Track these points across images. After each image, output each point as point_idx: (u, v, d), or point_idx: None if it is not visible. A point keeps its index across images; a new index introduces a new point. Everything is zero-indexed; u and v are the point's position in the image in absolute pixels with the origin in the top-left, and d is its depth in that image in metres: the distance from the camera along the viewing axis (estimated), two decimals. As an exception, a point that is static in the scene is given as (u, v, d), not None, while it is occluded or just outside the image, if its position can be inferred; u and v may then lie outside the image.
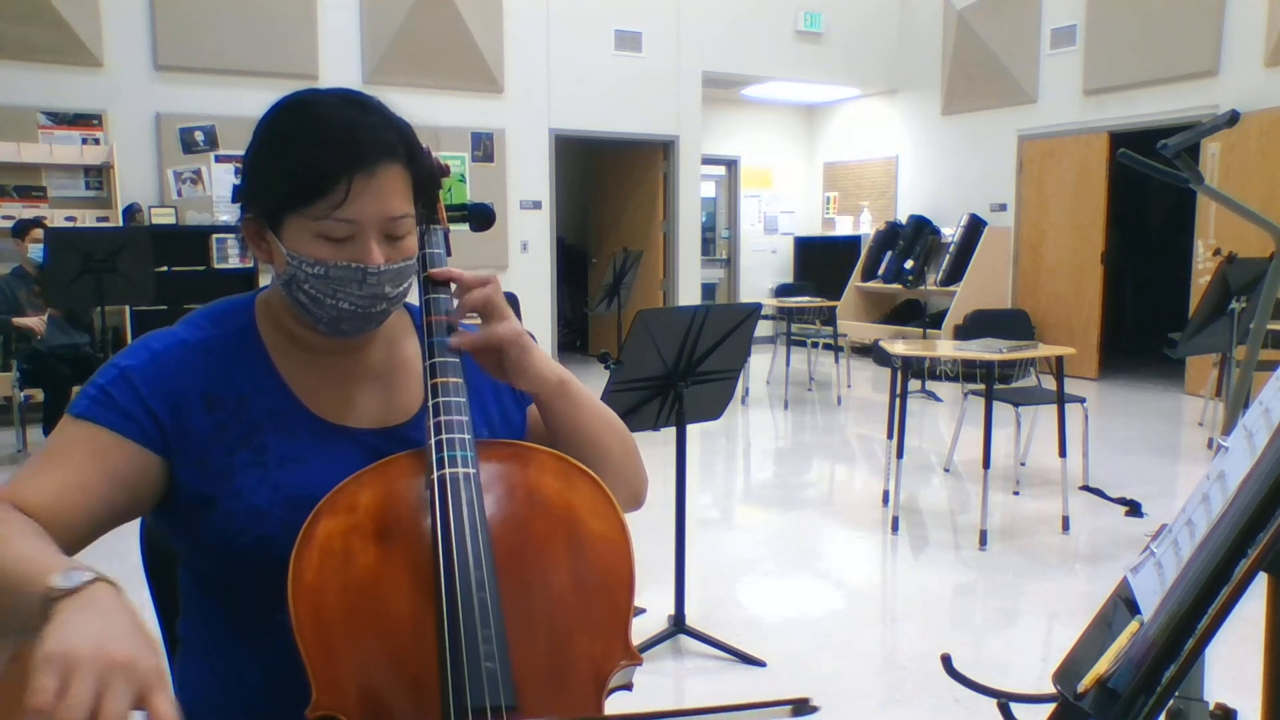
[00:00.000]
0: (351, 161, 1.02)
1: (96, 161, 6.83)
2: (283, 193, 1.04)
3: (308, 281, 1.05)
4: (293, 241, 1.05)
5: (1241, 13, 7.31)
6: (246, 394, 1.10)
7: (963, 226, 9.43)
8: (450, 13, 7.88)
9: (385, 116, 1.08)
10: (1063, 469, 4.36)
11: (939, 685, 2.78)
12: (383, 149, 1.04)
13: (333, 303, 1.06)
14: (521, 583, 0.99)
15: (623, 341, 2.89)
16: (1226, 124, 1.85)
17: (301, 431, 1.11)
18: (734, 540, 4.32)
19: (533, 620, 0.97)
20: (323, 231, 1.04)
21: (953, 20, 9.50)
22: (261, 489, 1.06)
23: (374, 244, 1.05)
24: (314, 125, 1.04)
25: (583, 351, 10.61)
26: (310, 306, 1.08)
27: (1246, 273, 4.58)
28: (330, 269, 1.04)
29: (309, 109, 1.06)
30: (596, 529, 1.04)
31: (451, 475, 1.00)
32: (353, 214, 1.03)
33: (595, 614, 1.00)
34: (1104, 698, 0.78)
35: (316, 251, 1.04)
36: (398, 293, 1.10)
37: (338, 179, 1.01)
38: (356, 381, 1.17)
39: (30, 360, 5.46)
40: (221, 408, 1.08)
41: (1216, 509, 0.82)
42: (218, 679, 1.11)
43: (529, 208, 8.53)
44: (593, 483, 1.07)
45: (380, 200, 1.04)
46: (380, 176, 1.03)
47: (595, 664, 0.99)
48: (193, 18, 7.06)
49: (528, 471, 1.07)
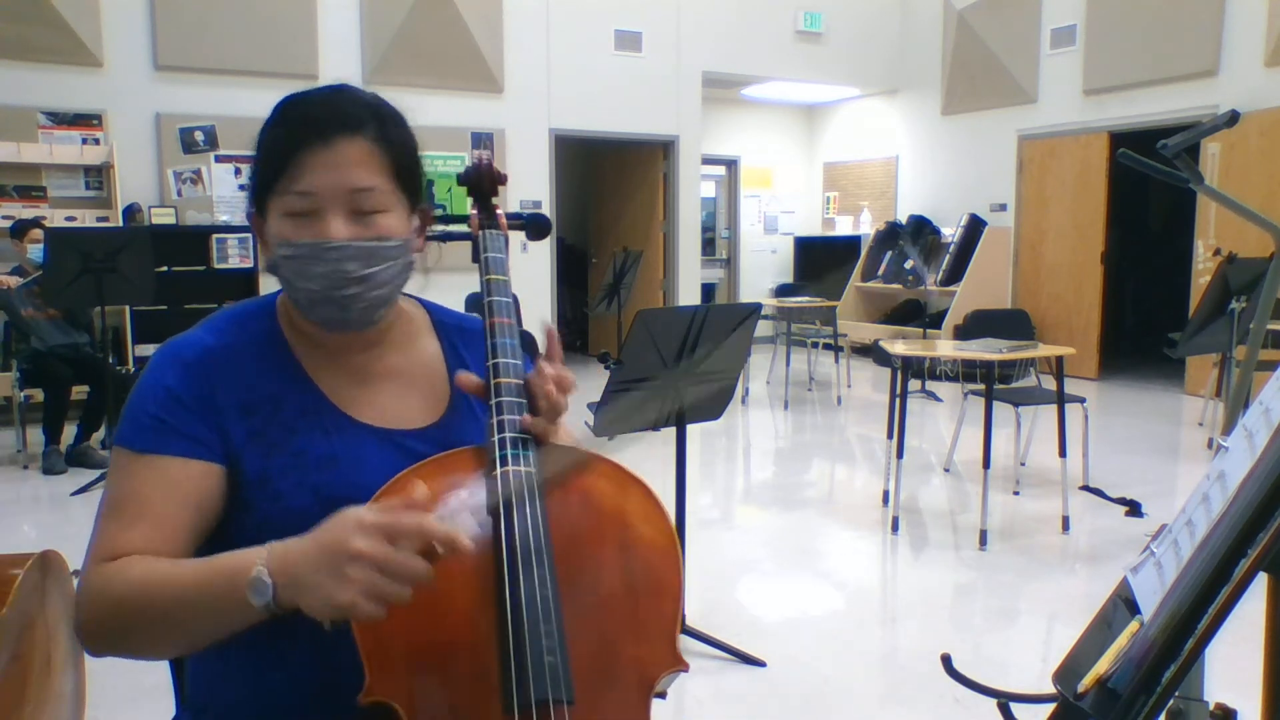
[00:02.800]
0: (303, 136, 1.03)
1: (96, 161, 6.83)
2: (257, 178, 1.07)
3: (282, 265, 1.06)
4: (273, 226, 1.07)
5: (1241, 13, 7.31)
6: (280, 396, 1.10)
7: (963, 226, 9.43)
8: (450, 13, 7.88)
9: (358, 97, 1.09)
10: (1063, 469, 4.36)
11: (939, 685, 2.77)
12: (341, 122, 1.04)
13: (304, 285, 1.06)
14: (575, 582, 1.00)
15: (623, 341, 2.89)
16: (1226, 124, 1.85)
17: (335, 432, 1.11)
18: (734, 540, 4.31)
19: (586, 620, 0.98)
20: (288, 209, 1.05)
21: (953, 20, 9.50)
22: (301, 491, 1.07)
23: (334, 217, 1.04)
24: (285, 111, 1.07)
25: (583, 351, 10.61)
26: (291, 293, 1.09)
27: (1246, 273, 4.58)
28: (296, 247, 1.04)
29: (287, 104, 1.09)
30: (647, 535, 1.05)
31: (514, 473, 1.01)
32: (308, 185, 1.03)
33: (644, 617, 1.02)
34: (1104, 698, 0.78)
35: (285, 230, 1.05)
36: (369, 274, 1.06)
37: (292, 152, 1.03)
38: (380, 381, 1.17)
39: (30, 360, 5.46)
40: (257, 413, 1.08)
41: (1216, 509, 0.82)
42: (235, 678, 1.10)
43: (529, 208, 8.53)
44: (644, 490, 1.09)
45: (337, 171, 1.03)
46: (336, 148, 1.04)
47: (643, 667, 1.00)
48: (193, 18, 7.06)
49: (584, 474, 1.08)
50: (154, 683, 2.65)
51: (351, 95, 1.09)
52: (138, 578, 0.97)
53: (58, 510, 4.69)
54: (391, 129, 1.09)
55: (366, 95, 1.10)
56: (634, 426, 3.00)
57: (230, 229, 7.15)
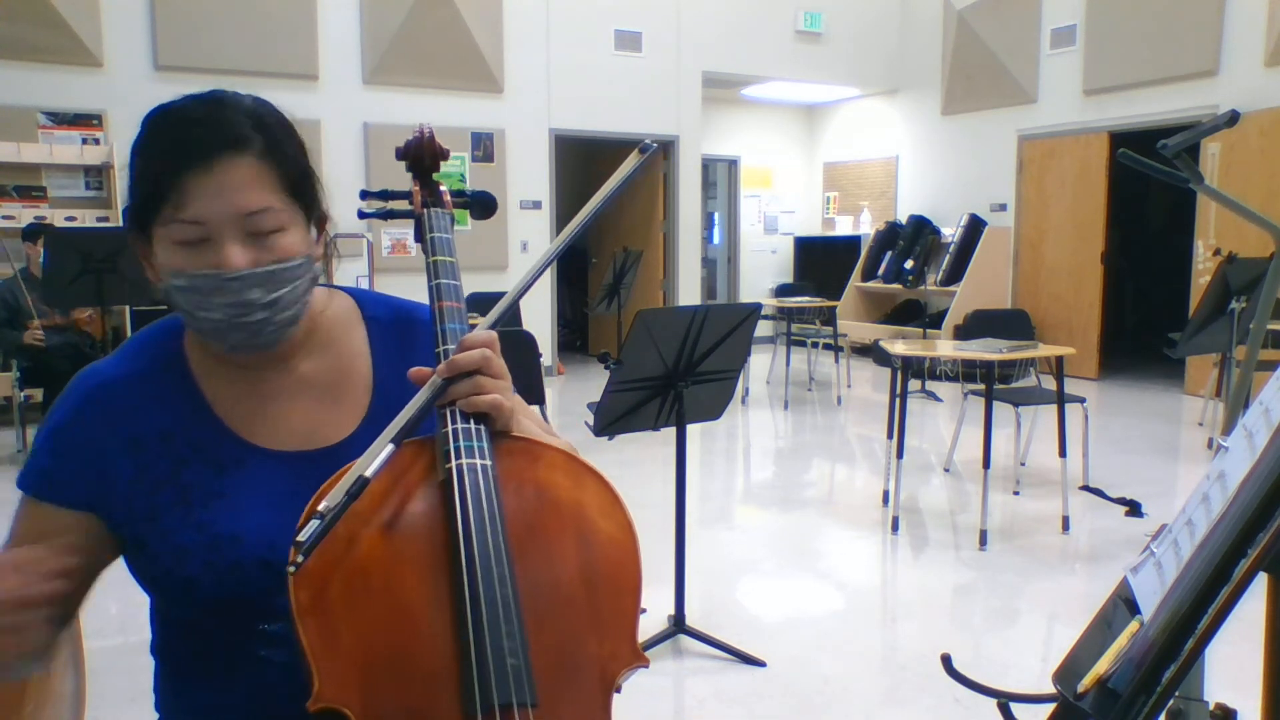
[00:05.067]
0: (182, 159, 0.96)
1: (96, 161, 6.83)
2: (137, 206, 1.00)
3: (177, 294, 1.00)
4: (160, 254, 1.00)
5: (1241, 13, 7.31)
6: (171, 430, 1.06)
7: (963, 226, 9.43)
8: (450, 13, 7.88)
9: (236, 108, 1.01)
10: (1063, 469, 4.36)
11: (939, 685, 2.77)
12: (221, 142, 0.97)
13: (205, 314, 0.99)
14: (533, 580, 0.96)
15: (623, 341, 2.89)
16: (1226, 124, 1.85)
17: (230, 464, 1.06)
18: (734, 540, 4.31)
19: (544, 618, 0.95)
20: (175, 238, 0.98)
21: (953, 20, 9.50)
22: (184, 528, 1.03)
23: (230, 245, 0.97)
24: (160, 129, 1.00)
25: (583, 351, 10.61)
26: (191, 323, 1.03)
27: (1246, 273, 4.58)
28: (191, 278, 0.98)
29: (158, 116, 1.01)
30: (606, 529, 1.01)
31: (469, 466, 0.96)
32: (195, 214, 0.96)
33: (604, 614, 0.99)
34: (1104, 698, 0.78)
35: (176, 260, 0.98)
36: (274, 298, 1.01)
37: (171, 180, 0.96)
38: (290, 398, 1.11)
39: (31, 359, 5.46)
40: (145, 449, 1.05)
41: (1216, 509, 0.82)
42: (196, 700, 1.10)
43: (529, 208, 8.53)
44: (601, 482, 1.04)
45: (224, 196, 0.96)
46: (220, 171, 0.97)
47: (604, 664, 0.97)
48: (193, 18, 7.06)
49: (538, 467, 1.03)
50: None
51: (231, 105, 1.01)
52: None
53: (58, 510, 4.69)
54: (278, 139, 1.01)
55: (246, 102, 1.03)
56: (634, 426, 3.00)
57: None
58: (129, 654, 2.91)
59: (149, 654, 1.18)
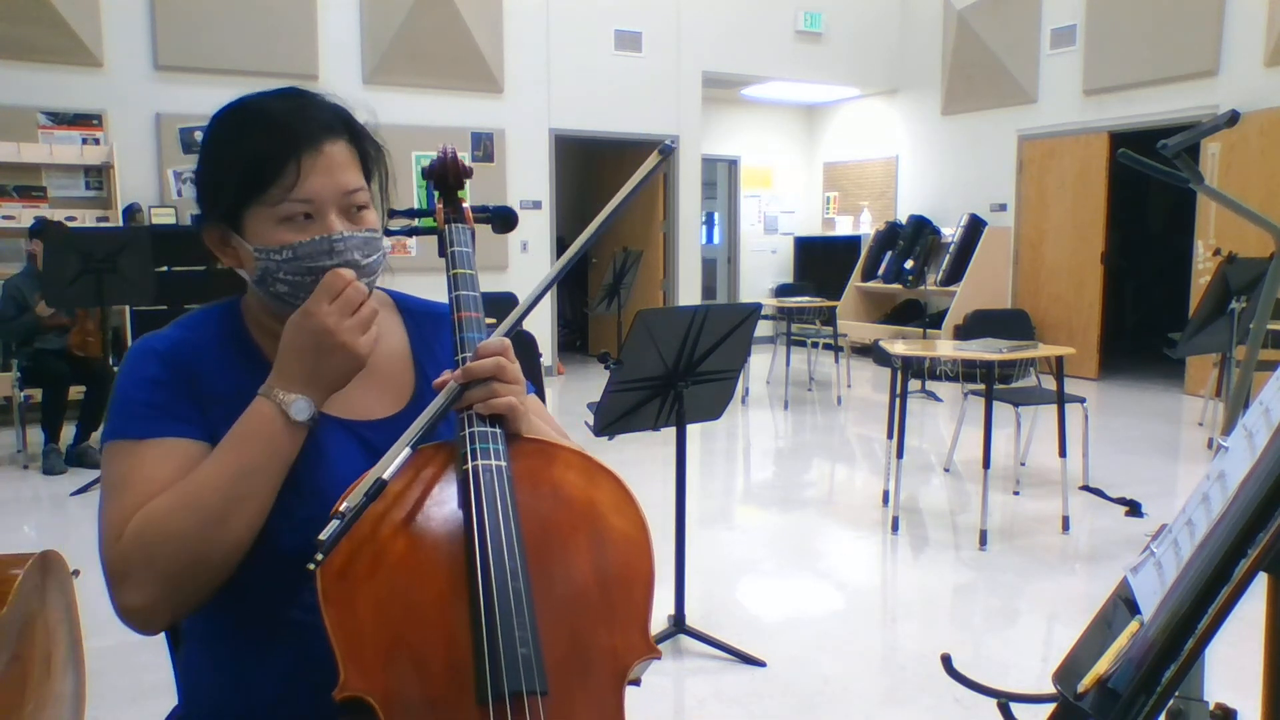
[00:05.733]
0: (296, 142, 1.06)
1: (96, 161, 6.83)
2: (237, 189, 1.07)
3: (281, 270, 1.07)
4: (256, 235, 1.08)
5: (1241, 13, 7.31)
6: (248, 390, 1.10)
7: (963, 226, 9.43)
8: (450, 13, 7.88)
9: (320, 100, 1.12)
10: (1063, 469, 4.36)
11: (939, 685, 2.78)
12: (323, 127, 1.08)
13: (311, 280, 1.07)
14: (547, 574, 1.01)
15: (623, 341, 2.89)
16: (1226, 124, 1.85)
17: None
18: (734, 540, 4.31)
19: (557, 611, 0.99)
20: (283, 215, 1.06)
21: (953, 20, 9.50)
22: None
23: (334, 217, 1.08)
24: (251, 119, 1.09)
25: (583, 351, 10.61)
26: (290, 296, 1.09)
27: (1246, 273, 4.58)
28: (298, 248, 1.06)
29: (243, 108, 1.11)
30: (618, 526, 1.06)
31: (485, 467, 1.02)
32: (308, 192, 1.06)
33: (617, 608, 1.03)
34: (1104, 698, 0.78)
35: (282, 237, 1.07)
36: (369, 263, 1.11)
37: (287, 160, 1.05)
38: None
39: (31, 359, 5.46)
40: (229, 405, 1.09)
41: (1216, 509, 0.82)
42: (223, 671, 1.11)
43: (529, 208, 8.53)
44: (615, 481, 1.10)
45: (332, 175, 1.07)
46: (327, 153, 1.07)
47: (616, 656, 1.01)
48: (193, 18, 7.06)
49: (553, 467, 1.09)
50: (154, 682, 2.65)
51: (319, 97, 1.12)
52: (174, 492, 1.01)
53: (58, 510, 4.69)
54: (358, 129, 1.13)
55: (328, 98, 1.14)
56: (634, 426, 3.00)
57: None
58: (129, 654, 2.90)
59: (163, 646, 1.18)
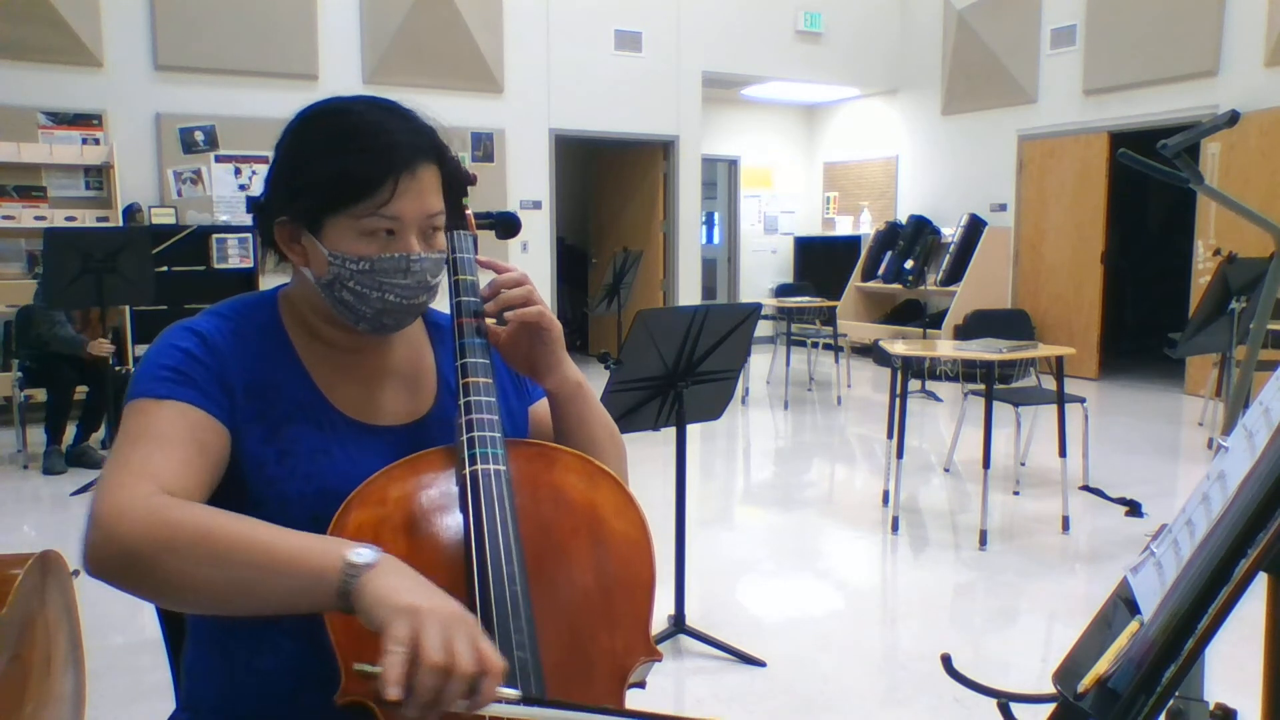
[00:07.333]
0: (396, 163, 1.07)
1: (96, 161, 6.83)
2: (325, 196, 1.07)
3: (352, 279, 1.09)
4: (334, 242, 1.09)
5: (1241, 13, 7.31)
6: (277, 385, 1.11)
7: (963, 226, 9.43)
8: (450, 13, 7.88)
9: (415, 119, 1.14)
10: (1063, 469, 4.36)
11: (939, 685, 2.77)
12: (419, 150, 1.10)
13: (379, 295, 1.09)
14: (547, 578, 1.01)
15: (623, 341, 2.89)
16: (1226, 124, 1.85)
17: (328, 426, 1.13)
18: (734, 540, 4.31)
19: (557, 614, 1.00)
20: (367, 229, 1.08)
21: (953, 20, 9.50)
22: (293, 479, 1.08)
23: (413, 237, 1.10)
24: (351, 130, 1.09)
25: (583, 351, 10.61)
26: (355, 304, 1.11)
27: (1246, 273, 4.58)
28: (375, 262, 1.08)
29: (343, 115, 1.11)
30: (619, 528, 1.07)
31: (484, 471, 1.03)
32: (397, 211, 1.08)
33: (617, 610, 1.03)
34: (1104, 698, 0.78)
35: (361, 249, 1.08)
36: (436, 283, 1.15)
37: (384, 180, 1.07)
38: (379, 379, 1.19)
39: (35, 360, 5.45)
40: (261, 396, 1.10)
41: (1216, 509, 0.82)
42: (229, 666, 1.11)
43: (529, 208, 8.53)
44: (615, 484, 1.11)
45: (421, 199, 1.10)
46: (420, 176, 1.09)
47: (617, 658, 1.02)
48: (193, 18, 7.06)
49: (553, 471, 1.10)
50: (154, 682, 2.65)
51: (410, 118, 1.13)
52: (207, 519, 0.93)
53: (58, 510, 4.69)
54: (445, 152, 1.16)
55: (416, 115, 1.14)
56: (634, 427, 3.00)
57: (230, 229, 7.15)
58: (129, 654, 2.91)
59: (163, 647, 1.18)
